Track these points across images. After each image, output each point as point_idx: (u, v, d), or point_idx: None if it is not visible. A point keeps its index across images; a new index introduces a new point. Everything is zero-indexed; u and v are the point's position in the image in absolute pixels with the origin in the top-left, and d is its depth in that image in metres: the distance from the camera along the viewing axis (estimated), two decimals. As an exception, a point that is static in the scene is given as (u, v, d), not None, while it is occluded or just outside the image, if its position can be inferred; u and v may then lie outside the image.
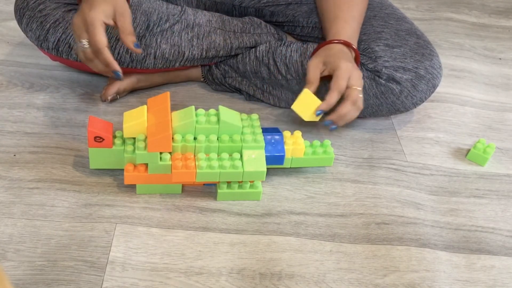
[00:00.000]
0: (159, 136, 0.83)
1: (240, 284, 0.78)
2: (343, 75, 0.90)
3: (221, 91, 1.14)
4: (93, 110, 1.05)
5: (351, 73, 0.91)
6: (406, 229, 0.90)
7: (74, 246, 0.80)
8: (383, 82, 0.99)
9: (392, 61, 0.99)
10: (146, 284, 0.77)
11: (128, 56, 1.02)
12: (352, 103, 0.91)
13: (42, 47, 1.01)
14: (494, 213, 0.96)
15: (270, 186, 0.94)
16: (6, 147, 0.95)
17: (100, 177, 0.91)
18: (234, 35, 1.09)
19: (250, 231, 0.86)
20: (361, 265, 0.84)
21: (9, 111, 1.03)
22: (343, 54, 0.94)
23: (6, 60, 1.16)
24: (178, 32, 1.05)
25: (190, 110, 0.87)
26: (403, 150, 1.06)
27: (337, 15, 1.00)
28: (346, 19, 0.99)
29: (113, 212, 0.86)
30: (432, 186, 0.99)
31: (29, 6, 0.98)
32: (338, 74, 0.90)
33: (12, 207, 0.85)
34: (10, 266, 0.77)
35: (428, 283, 0.82)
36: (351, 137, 1.08)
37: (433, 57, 1.02)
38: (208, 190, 0.92)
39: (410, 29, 1.05)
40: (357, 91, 0.91)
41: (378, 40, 1.01)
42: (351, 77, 0.91)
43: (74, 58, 1.02)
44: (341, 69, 0.90)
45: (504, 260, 0.87)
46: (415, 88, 1.00)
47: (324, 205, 0.92)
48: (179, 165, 0.85)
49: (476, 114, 1.19)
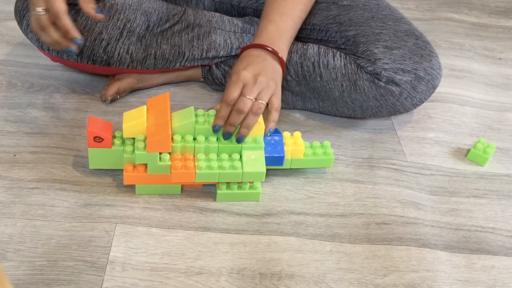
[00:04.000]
0: (158, 136, 0.83)
1: (240, 284, 0.78)
2: (232, 84, 0.86)
3: (221, 91, 1.14)
4: (93, 110, 1.05)
5: (244, 79, 0.86)
6: (406, 229, 0.90)
7: (74, 246, 0.80)
8: (382, 85, 0.99)
9: (391, 63, 0.99)
10: (146, 284, 0.77)
11: (128, 56, 1.02)
12: (237, 111, 0.85)
13: (43, 48, 1.01)
14: (494, 213, 0.96)
15: (270, 186, 0.94)
16: (6, 147, 0.95)
17: (100, 177, 0.91)
18: (234, 35, 1.09)
19: (250, 231, 0.86)
20: (361, 265, 0.84)
21: (9, 111, 1.03)
22: (246, 59, 0.90)
23: (6, 60, 1.16)
24: (179, 32, 1.05)
25: (189, 110, 0.87)
26: (403, 150, 1.06)
27: (265, 14, 0.97)
28: (272, 18, 0.96)
29: (113, 212, 0.86)
30: (432, 186, 0.99)
31: (29, 7, 0.98)
32: (228, 84, 0.88)
33: (12, 207, 0.85)
34: (10, 266, 0.77)
35: (428, 283, 0.82)
36: (351, 137, 1.08)
37: (432, 58, 1.02)
38: (208, 190, 0.92)
39: (408, 30, 1.05)
40: (245, 100, 0.85)
41: (377, 42, 1.01)
42: (244, 85, 0.86)
43: (74, 59, 1.02)
44: (231, 78, 0.88)
45: (504, 260, 0.87)
46: (414, 89, 1.00)
47: (324, 205, 0.92)
48: (178, 165, 0.85)
49: (476, 114, 1.19)
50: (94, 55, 1.01)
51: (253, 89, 0.86)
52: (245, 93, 0.86)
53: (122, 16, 1.01)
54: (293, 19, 0.97)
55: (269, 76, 0.89)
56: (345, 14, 1.06)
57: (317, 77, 1.04)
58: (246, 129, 0.87)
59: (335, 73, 1.02)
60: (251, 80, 0.86)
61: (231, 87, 0.86)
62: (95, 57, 1.01)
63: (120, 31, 1.00)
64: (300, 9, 0.99)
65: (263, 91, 0.87)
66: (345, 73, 1.01)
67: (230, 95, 0.85)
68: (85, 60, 1.01)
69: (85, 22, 0.98)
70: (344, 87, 1.02)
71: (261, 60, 0.90)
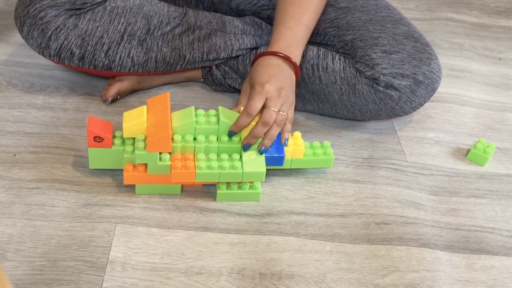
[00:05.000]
0: (158, 136, 0.83)
1: (240, 284, 0.78)
2: (256, 96, 0.86)
3: (221, 91, 1.15)
4: (93, 110, 1.05)
5: (268, 92, 0.86)
6: (406, 229, 0.90)
7: (74, 246, 0.80)
8: (381, 89, 0.99)
9: (390, 68, 0.99)
10: (146, 284, 0.77)
11: (129, 60, 1.02)
12: (263, 124, 0.86)
13: (44, 54, 1.00)
14: (494, 213, 0.96)
15: (270, 186, 0.94)
16: (6, 147, 0.95)
17: (100, 177, 0.91)
18: (234, 37, 1.09)
19: (250, 231, 0.86)
20: (361, 265, 0.84)
21: (9, 111, 1.03)
22: (267, 70, 0.90)
23: (6, 60, 1.16)
24: (179, 35, 1.05)
25: (190, 110, 0.87)
26: (403, 150, 1.06)
27: (280, 20, 0.97)
28: (289, 25, 0.96)
29: (113, 212, 0.86)
30: (432, 186, 0.99)
31: (29, 14, 0.97)
32: (251, 94, 0.88)
33: (12, 207, 0.85)
34: (10, 266, 0.77)
35: (428, 283, 0.82)
36: (351, 137, 1.08)
37: (431, 61, 1.01)
38: (208, 190, 0.92)
39: (407, 32, 1.04)
40: (270, 112, 0.86)
41: (375, 47, 1.00)
42: (268, 98, 0.87)
43: (76, 64, 1.01)
44: (255, 90, 0.87)
45: (504, 260, 0.87)
46: (413, 93, 1.00)
47: (324, 205, 0.92)
48: (178, 165, 0.85)
49: (476, 114, 1.19)
50: (95, 60, 1.01)
51: (277, 102, 0.87)
52: (270, 106, 0.86)
53: (123, 20, 1.01)
54: (308, 27, 0.98)
55: (290, 90, 0.90)
56: (343, 18, 1.06)
57: (316, 80, 1.04)
58: (269, 140, 0.87)
59: (334, 76, 1.02)
60: (275, 94, 0.87)
61: (256, 98, 0.86)
62: (96, 61, 1.01)
63: (121, 34, 1.00)
64: (315, 18, 1.00)
65: (285, 104, 0.88)
66: (344, 77, 1.01)
67: (254, 106, 0.86)
68: (87, 66, 1.01)
69: (86, 27, 0.98)
70: (343, 91, 1.02)
71: (280, 71, 0.90)
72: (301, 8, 0.97)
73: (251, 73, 0.92)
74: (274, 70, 0.90)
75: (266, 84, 0.87)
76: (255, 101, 0.86)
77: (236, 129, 0.87)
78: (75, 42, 0.98)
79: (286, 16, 0.97)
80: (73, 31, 0.97)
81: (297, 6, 0.97)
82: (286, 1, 0.98)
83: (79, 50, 0.99)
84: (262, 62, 0.92)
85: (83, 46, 0.99)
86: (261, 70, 0.90)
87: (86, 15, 0.98)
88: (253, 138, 0.87)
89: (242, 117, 0.86)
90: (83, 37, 0.98)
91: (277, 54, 0.92)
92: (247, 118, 0.86)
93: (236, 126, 0.87)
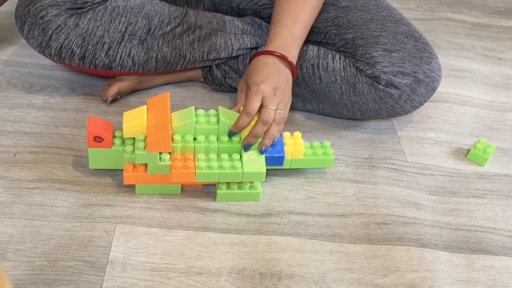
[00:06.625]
0: (158, 136, 0.83)
1: (240, 284, 0.78)
2: (253, 96, 0.86)
3: (221, 91, 1.15)
4: (93, 110, 1.05)
5: (264, 92, 0.87)
6: (406, 229, 0.90)
7: (74, 246, 0.80)
8: (381, 88, 0.99)
9: (390, 66, 0.99)
10: (146, 284, 0.77)
11: (130, 60, 1.02)
12: (263, 123, 0.86)
13: (45, 53, 1.00)
14: (494, 213, 0.96)
15: (270, 186, 0.94)
16: (6, 147, 0.95)
17: (100, 177, 0.91)
18: (234, 36, 1.09)
19: (250, 231, 0.86)
20: (361, 265, 0.84)
21: (9, 111, 1.03)
22: (263, 70, 0.90)
23: (6, 60, 1.16)
24: (180, 34, 1.05)
25: (190, 110, 0.87)
26: (403, 150, 1.06)
27: (278, 19, 0.97)
28: (286, 23, 0.95)
29: (113, 212, 0.86)
30: (432, 186, 0.99)
31: (30, 13, 0.97)
32: (248, 94, 0.88)
33: (12, 207, 0.85)
34: (10, 266, 0.77)
35: (428, 283, 0.82)
36: (351, 137, 1.08)
37: (431, 60, 1.01)
38: (208, 190, 0.92)
39: (408, 31, 1.04)
40: (269, 111, 0.86)
41: (376, 45, 1.01)
42: (265, 97, 0.87)
43: (76, 63, 1.01)
44: (251, 90, 0.88)
45: (504, 260, 0.87)
46: (414, 92, 1.00)
47: (324, 205, 0.92)
48: (178, 165, 0.85)
49: (476, 114, 1.19)
50: (96, 59, 1.01)
51: (273, 101, 0.87)
52: (267, 104, 0.87)
53: (124, 19, 1.01)
54: (305, 26, 0.98)
55: (285, 89, 0.90)
56: (344, 16, 1.06)
57: (316, 79, 1.04)
58: (269, 139, 0.88)
59: (334, 75, 1.02)
60: (271, 93, 0.88)
61: (253, 98, 0.87)
62: (97, 61, 1.01)
63: (122, 34, 1.00)
64: (313, 16, 1.00)
65: (281, 103, 0.89)
66: (344, 76, 1.01)
67: (252, 106, 0.86)
68: (87, 65, 1.01)
69: (87, 26, 0.98)
70: (343, 90, 1.02)
71: (276, 70, 0.91)
72: (298, 7, 0.97)
73: (247, 73, 0.92)
74: (270, 69, 0.90)
75: (262, 83, 0.88)
76: (253, 101, 0.86)
77: (236, 129, 0.87)
78: (76, 42, 0.98)
79: (283, 15, 0.97)
80: (74, 30, 0.97)
81: (294, 4, 0.97)
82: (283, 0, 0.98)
83: (79, 49, 0.99)
84: (259, 61, 0.92)
85: (84, 45, 0.99)
86: (257, 70, 0.90)
87: (87, 15, 0.98)
88: (253, 137, 0.87)
89: (242, 117, 0.86)
90: (84, 37, 0.98)
91: (274, 53, 0.92)
92: (247, 118, 0.86)
93: (236, 127, 0.87)
